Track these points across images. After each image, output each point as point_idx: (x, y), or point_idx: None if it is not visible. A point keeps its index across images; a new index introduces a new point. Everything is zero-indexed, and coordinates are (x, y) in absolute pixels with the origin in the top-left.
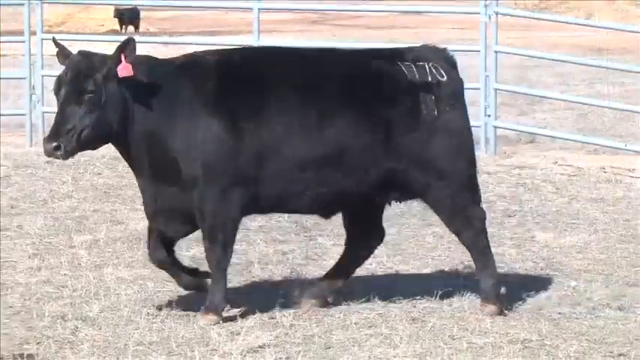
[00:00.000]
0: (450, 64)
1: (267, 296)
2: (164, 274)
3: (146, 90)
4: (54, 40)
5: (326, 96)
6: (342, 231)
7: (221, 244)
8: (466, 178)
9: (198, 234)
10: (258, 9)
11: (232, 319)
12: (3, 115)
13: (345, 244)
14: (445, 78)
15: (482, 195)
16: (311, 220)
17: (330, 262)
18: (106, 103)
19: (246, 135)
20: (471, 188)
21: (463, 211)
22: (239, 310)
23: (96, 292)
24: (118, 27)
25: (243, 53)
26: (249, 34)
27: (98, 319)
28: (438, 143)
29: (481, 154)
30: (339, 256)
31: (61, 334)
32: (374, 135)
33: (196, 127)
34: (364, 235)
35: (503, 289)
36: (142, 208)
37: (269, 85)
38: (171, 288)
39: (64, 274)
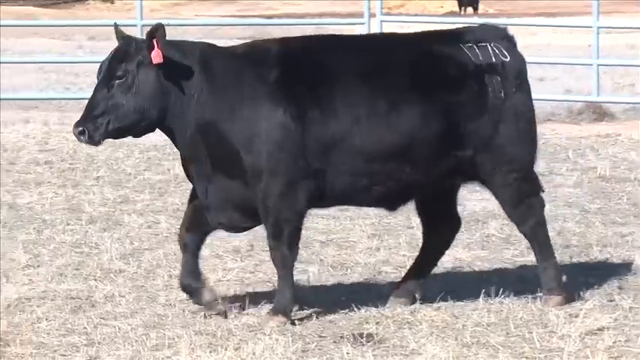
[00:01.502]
0: (511, 43)
1: (606, 279)
2: (505, 254)
3: (199, 78)
4: (115, 25)
5: (392, 84)
6: None
7: (286, 242)
8: (531, 163)
9: None
10: None
11: (571, 301)
12: None
13: (423, 235)
14: (509, 58)
15: None
16: None
17: None
18: (138, 90)
19: (314, 126)
20: (533, 174)
21: (527, 198)
22: (578, 292)
23: (434, 273)
24: (457, 9)
25: (304, 42)
26: (587, 16)
27: (437, 300)
28: (506, 127)
29: None
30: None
31: (400, 314)
32: (441, 122)
33: (259, 119)
34: (441, 224)
35: (564, 278)
36: (479, 189)
37: (334, 75)
38: (507, 266)
39: (403, 255)
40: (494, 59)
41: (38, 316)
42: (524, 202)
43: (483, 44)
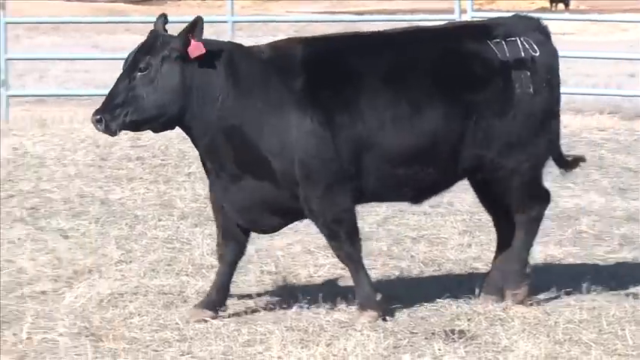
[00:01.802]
0: (544, 35)
1: None
2: (597, 251)
3: (224, 81)
4: (162, 16)
5: (416, 82)
6: None
7: (345, 239)
8: (546, 158)
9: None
10: None
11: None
12: None
13: (495, 226)
14: (538, 53)
15: None
16: None
17: None
18: (160, 84)
19: (343, 129)
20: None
21: (535, 192)
22: None
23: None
24: (548, 5)
25: (329, 41)
26: None
27: (527, 296)
28: (531, 123)
29: None
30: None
31: (491, 311)
32: (467, 121)
33: (288, 127)
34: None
35: (528, 270)
36: (571, 185)
37: (360, 77)
38: (599, 263)
39: (494, 251)
40: (523, 54)
41: (131, 311)
42: (533, 196)
43: (512, 39)
